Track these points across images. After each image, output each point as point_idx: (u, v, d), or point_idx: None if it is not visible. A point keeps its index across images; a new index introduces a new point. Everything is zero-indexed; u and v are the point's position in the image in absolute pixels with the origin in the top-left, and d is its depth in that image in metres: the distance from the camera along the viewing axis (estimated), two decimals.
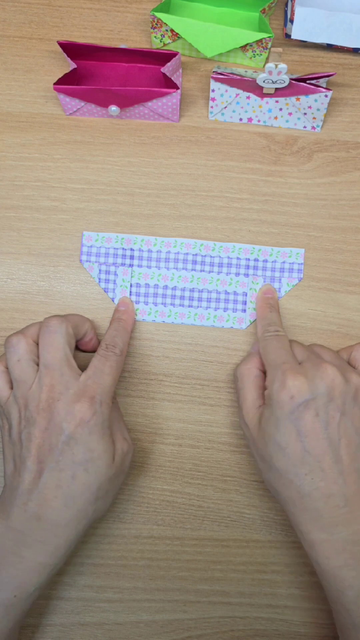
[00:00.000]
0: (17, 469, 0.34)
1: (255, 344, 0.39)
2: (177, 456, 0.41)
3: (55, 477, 0.33)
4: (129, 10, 0.46)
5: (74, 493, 0.33)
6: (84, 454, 0.33)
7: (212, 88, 0.42)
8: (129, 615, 0.40)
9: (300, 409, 0.33)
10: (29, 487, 0.33)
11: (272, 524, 0.41)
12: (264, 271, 0.42)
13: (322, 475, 0.33)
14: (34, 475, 0.33)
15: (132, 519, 0.41)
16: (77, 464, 0.33)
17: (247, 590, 0.40)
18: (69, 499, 0.33)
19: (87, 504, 0.33)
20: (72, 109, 0.43)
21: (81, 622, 0.40)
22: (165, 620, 0.40)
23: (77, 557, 0.40)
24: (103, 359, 0.36)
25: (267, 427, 0.34)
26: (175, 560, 0.40)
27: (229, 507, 0.41)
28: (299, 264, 0.42)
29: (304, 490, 0.33)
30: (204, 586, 0.40)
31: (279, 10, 0.47)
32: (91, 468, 0.33)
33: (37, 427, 0.33)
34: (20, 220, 0.43)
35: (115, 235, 0.42)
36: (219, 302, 0.42)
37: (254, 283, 0.42)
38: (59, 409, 0.33)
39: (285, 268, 0.42)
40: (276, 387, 0.34)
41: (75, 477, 0.33)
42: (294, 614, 0.40)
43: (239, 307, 0.42)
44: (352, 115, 0.44)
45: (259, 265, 0.42)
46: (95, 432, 0.33)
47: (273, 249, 0.42)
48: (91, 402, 0.33)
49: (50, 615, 0.40)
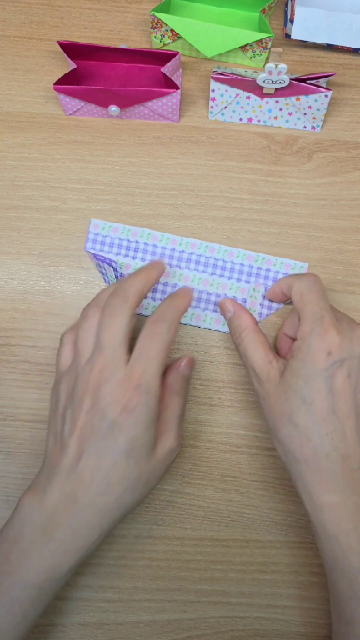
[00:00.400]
0: (57, 445, 0.34)
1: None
2: (177, 456, 0.41)
3: (95, 462, 0.32)
4: (129, 10, 0.46)
5: (112, 480, 0.32)
6: (126, 443, 0.32)
7: (212, 88, 0.42)
8: (128, 615, 0.40)
9: (335, 367, 0.32)
10: (68, 467, 0.33)
11: (272, 524, 0.41)
12: (265, 280, 0.42)
13: (343, 437, 0.32)
14: (73, 456, 0.33)
15: (132, 519, 0.41)
16: (118, 452, 0.32)
17: (247, 590, 0.40)
18: (106, 485, 0.32)
19: (124, 493, 0.33)
20: (72, 109, 0.43)
21: (81, 622, 0.40)
22: (165, 620, 0.40)
23: None
24: (149, 338, 0.34)
25: (292, 380, 0.33)
26: (175, 560, 0.40)
27: (228, 507, 0.41)
28: None
29: (322, 449, 0.32)
30: (203, 586, 0.40)
31: (279, 10, 0.47)
32: (132, 457, 0.33)
33: (82, 407, 0.33)
34: (20, 220, 0.43)
35: (122, 226, 0.42)
36: (217, 305, 0.42)
37: (255, 291, 0.42)
38: (104, 394, 0.33)
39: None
40: (314, 340, 0.33)
41: (115, 465, 0.32)
42: (294, 613, 0.40)
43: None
44: (352, 115, 0.44)
45: (261, 274, 0.42)
46: (139, 422, 0.32)
47: (277, 260, 0.42)
48: (136, 391, 0.32)
49: (50, 615, 0.40)
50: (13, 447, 0.41)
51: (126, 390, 0.32)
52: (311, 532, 0.41)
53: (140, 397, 0.32)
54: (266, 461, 0.41)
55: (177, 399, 0.37)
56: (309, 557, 0.41)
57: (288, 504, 0.41)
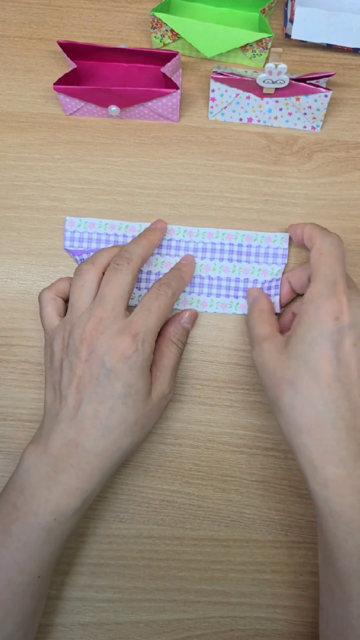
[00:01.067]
0: (56, 397, 0.35)
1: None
2: (177, 456, 0.41)
3: (94, 408, 0.34)
4: (129, 10, 0.46)
5: (110, 424, 0.34)
6: (123, 388, 0.34)
7: (212, 88, 0.42)
8: (128, 615, 0.40)
9: (342, 333, 0.32)
10: (69, 415, 0.34)
11: (272, 524, 0.41)
12: (247, 256, 0.41)
13: (348, 405, 0.31)
14: (73, 404, 0.34)
15: (132, 519, 0.41)
16: (116, 397, 0.34)
17: (247, 590, 0.40)
18: (105, 429, 0.34)
19: (123, 436, 0.34)
20: (72, 109, 0.43)
21: (81, 622, 0.40)
22: (165, 620, 0.40)
23: (77, 557, 0.40)
24: (153, 297, 0.36)
25: (297, 346, 0.33)
26: (175, 560, 0.40)
27: (228, 507, 0.41)
28: (284, 249, 0.41)
29: (327, 417, 0.31)
30: (203, 586, 0.40)
31: (279, 10, 0.47)
32: (129, 402, 0.34)
33: (79, 357, 0.34)
34: (20, 220, 0.43)
35: (99, 221, 0.42)
36: (202, 287, 0.42)
37: (238, 269, 0.42)
38: (102, 342, 0.34)
39: (270, 253, 0.41)
40: (323, 303, 0.33)
41: (113, 409, 0.34)
42: (294, 613, 0.40)
43: (222, 292, 0.42)
44: (352, 115, 0.44)
45: (242, 251, 0.42)
46: (135, 369, 0.34)
47: (257, 235, 0.42)
48: (133, 339, 0.34)
49: (50, 615, 0.40)
50: (13, 447, 0.41)
51: (124, 340, 0.34)
52: (311, 532, 0.41)
53: (136, 345, 0.34)
54: (266, 461, 0.41)
55: (174, 348, 0.38)
56: (309, 557, 0.41)
57: (288, 504, 0.41)
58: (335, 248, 0.35)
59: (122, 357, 0.34)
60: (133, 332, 0.34)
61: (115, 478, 0.41)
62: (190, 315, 0.40)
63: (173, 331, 0.39)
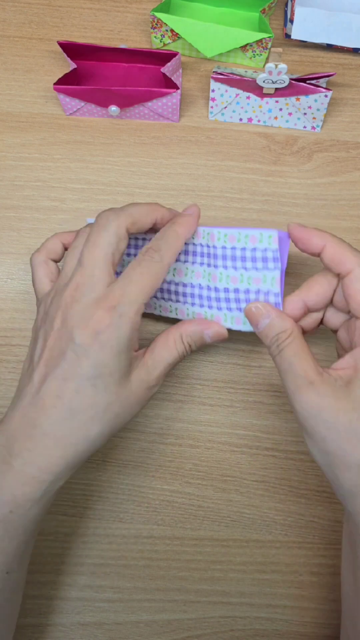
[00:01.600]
0: (29, 369, 0.32)
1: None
2: (177, 456, 0.41)
3: (57, 386, 0.30)
4: (129, 10, 0.46)
5: (75, 407, 0.29)
6: (93, 368, 0.29)
7: (212, 88, 0.42)
8: (128, 615, 0.40)
9: None
10: (32, 390, 0.30)
11: (272, 524, 0.41)
12: (233, 261, 0.34)
13: None
14: (38, 378, 0.30)
15: (132, 519, 0.41)
16: (84, 377, 0.29)
17: (247, 590, 0.40)
18: (68, 411, 0.29)
19: (90, 423, 0.30)
20: (72, 109, 0.43)
21: (81, 622, 0.40)
22: (165, 620, 0.40)
23: (77, 557, 0.40)
24: (136, 263, 0.31)
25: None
26: (175, 560, 0.40)
27: (228, 507, 0.41)
28: (273, 251, 0.32)
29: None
30: (203, 586, 0.40)
31: (279, 11, 0.47)
32: (100, 384, 0.29)
33: (52, 326, 0.31)
34: (20, 220, 0.43)
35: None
36: (193, 298, 0.36)
37: (224, 277, 0.34)
38: (74, 313, 0.30)
39: (257, 257, 0.33)
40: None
41: (79, 390, 0.29)
42: (294, 613, 0.40)
43: (214, 304, 0.35)
44: (352, 115, 0.44)
45: (227, 254, 0.34)
46: (109, 347, 0.29)
47: (240, 233, 0.33)
48: (109, 312, 0.29)
49: (49, 615, 0.40)
50: None
51: (97, 312, 0.29)
52: (311, 532, 0.41)
53: (111, 319, 0.29)
54: (266, 461, 0.41)
55: (181, 349, 0.33)
56: (309, 557, 0.41)
57: (288, 504, 0.41)
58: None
59: (93, 332, 0.29)
60: (109, 303, 0.29)
61: (114, 478, 0.41)
62: (215, 333, 0.34)
63: (191, 332, 0.34)
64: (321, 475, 0.41)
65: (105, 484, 0.41)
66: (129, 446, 0.41)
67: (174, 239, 0.32)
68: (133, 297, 0.30)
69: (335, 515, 0.41)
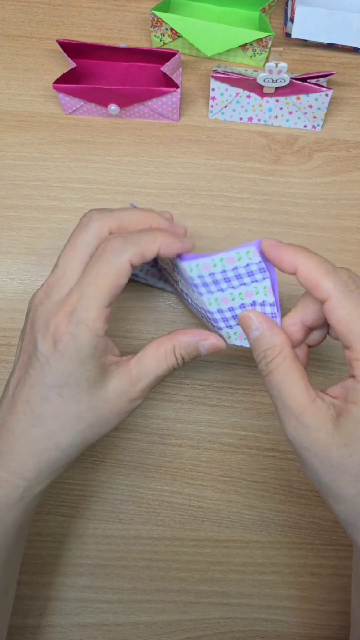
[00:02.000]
0: (12, 370, 0.31)
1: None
2: (176, 457, 0.41)
3: (26, 392, 0.29)
4: (128, 9, 0.46)
5: (43, 414, 0.28)
6: (57, 377, 0.28)
7: (212, 87, 0.42)
8: (128, 616, 0.40)
9: None
10: (8, 393, 0.30)
11: (272, 525, 0.41)
12: (216, 285, 0.31)
13: None
14: (14, 382, 0.30)
15: (131, 520, 0.41)
16: (48, 386, 0.28)
17: (247, 591, 0.40)
18: (36, 419, 0.28)
19: (60, 432, 0.29)
20: (71, 108, 0.43)
21: (80, 623, 0.40)
22: (164, 621, 0.40)
23: (76, 558, 0.40)
24: (94, 259, 0.28)
25: (356, 430, 0.26)
26: (174, 561, 0.40)
27: (228, 508, 0.41)
28: (257, 263, 0.29)
29: None
30: (203, 587, 0.40)
31: (279, 9, 0.47)
32: (67, 394, 0.28)
33: (25, 328, 0.30)
34: (19, 219, 0.42)
35: None
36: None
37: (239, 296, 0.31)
38: (38, 317, 0.29)
39: (241, 274, 0.30)
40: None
41: (46, 398, 0.28)
42: (294, 614, 0.40)
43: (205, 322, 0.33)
44: (353, 115, 0.44)
45: (207, 282, 0.31)
46: (67, 357, 0.27)
47: (214, 259, 0.29)
48: (66, 318, 0.27)
49: (49, 616, 0.40)
50: None
51: (57, 317, 0.28)
52: (311, 533, 0.41)
53: (68, 327, 0.27)
54: (266, 462, 0.41)
55: (171, 361, 0.31)
56: (309, 558, 0.40)
57: (288, 504, 0.41)
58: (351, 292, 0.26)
59: (52, 340, 0.27)
60: (67, 308, 0.27)
61: (114, 478, 0.41)
62: (212, 345, 0.32)
63: (185, 344, 0.31)
64: None
65: (104, 484, 0.41)
66: (129, 447, 0.41)
67: (149, 238, 0.28)
68: (91, 302, 0.27)
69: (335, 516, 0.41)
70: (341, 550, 0.41)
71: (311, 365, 0.41)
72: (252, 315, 0.30)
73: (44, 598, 0.40)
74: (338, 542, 0.41)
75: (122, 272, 0.27)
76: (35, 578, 0.40)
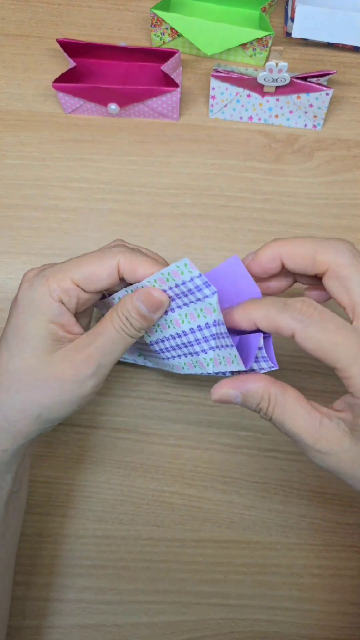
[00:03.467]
0: None
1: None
2: (177, 457, 0.41)
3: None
4: (128, 8, 0.46)
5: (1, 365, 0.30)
6: (10, 330, 0.29)
7: (212, 86, 0.41)
8: (128, 617, 0.40)
9: None
10: None
11: (273, 526, 0.41)
12: (178, 298, 0.29)
13: None
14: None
15: (131, 521, 0.40)
16: (5, 338, 0.30)
17: (247, 592, 0.40)
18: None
19: (7, 396, 0.29)
20: (71, 107, 0.43)
21: (80, 624, 0.39)
22: (165, 622, 0.40)
23: (76, 559, 0.40)
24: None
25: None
26: (175, 562, 0.40)
27: (229, 509, 0.41)
28: (198, 277, 0.27)
29: None
30: (204, 588, 0.40)
31: (279, 9, 0.47)
32: (14, 349, 0.29)
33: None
34: (19, 219, 0.42)
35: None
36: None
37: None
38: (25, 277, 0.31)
39: (191, 289, 0.28)
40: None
41: (5, 349, 0.30)
42: (295, 615, 0.40)
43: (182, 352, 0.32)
44: (353, 114, 0.44)
45: (170, 295, 0.29)
46: (21, 306, 0.29)
47: (163, 273, 0.28)
48: (37, 271, 0.30)
49: (49, 617, 0.39)
50: None
51: (32, 271, 0.31)
52: (312, 534, 0.40)
53: (34, 279, 0.30)
54: (266, 462, 0.41)
55: (117, 323, 0.29)
56: (309, 559, 0.40)
57: (289, 505, 0.41)
58: (311, 321, 0.25)
59: (20, 292, 0.30)
60: (44, 268, 0.30)
61: (114, 479, 0.41)
62: (145, 295, 0.29)
63: (123, 305, 0.29)
64: (322, 476, 0.41)
65: (104, 485, 0.41)
66: (129, 447, 0.41)
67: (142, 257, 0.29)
68: (63, 268, 0.29)
69: (336, 517, 0.41)
70: (342, 551, 0.41)
71: (311, 365, 0.41)
72: (224, 389, 0.28)
73: (44, 599, 0.40)
74: (339, 543, 0.40)
75: (104, 263, 0.29)
76: (34, 579, 0.40)
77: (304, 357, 0.41)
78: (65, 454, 0.41)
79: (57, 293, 0.29)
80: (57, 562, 0.40)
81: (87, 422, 0.41)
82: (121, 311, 0.29)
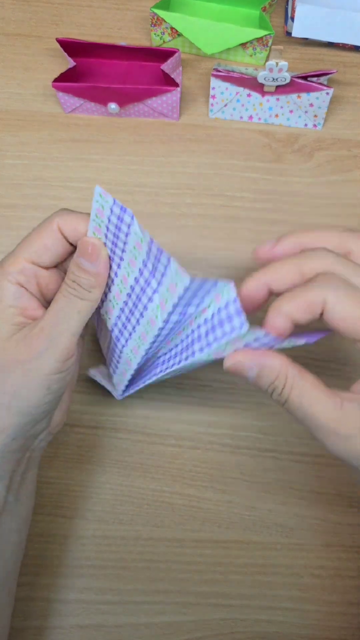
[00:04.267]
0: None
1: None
2: (177, 457, 0.41)
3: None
4: (128, 7, 0.46)
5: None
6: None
7: (213, 86, 0.41)
8: (128, 618, 0.40)
9: None
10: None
11: (273, 526, 0.40)
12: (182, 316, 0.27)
13: None
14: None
15: (131, 521, 0.40)
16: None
17: (247, 592, 0.40)
18: None
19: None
20: (71, 107, 0.43)
21: (80, 625, 0.39)
22: (165, 622, 0.40)
23: (76, 559, 0.40)
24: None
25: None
26: (175, 562, 0.40)
27: (229, 509, 0.41)
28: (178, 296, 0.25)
29: None
30: (204, 588, 0.40)
31: (279, 8, 0.46)
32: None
33: None
34: (19, 219, 0.42)
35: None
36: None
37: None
38: None
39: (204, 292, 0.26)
40: None
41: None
42: (295, 616, 0.40)
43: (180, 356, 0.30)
44: (354, 113, 0.44)
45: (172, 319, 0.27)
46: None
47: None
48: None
49: (49, 617, 0.39)
50: None
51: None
52: (312, 534, 0.40)
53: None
54: (267, 462, 0.41)
55: (65, 291, 0.28)
56: (310, 559, 0.40)
57: (289, 505, 0.41)
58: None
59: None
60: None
61: (114, 479, 0.41)
62: (80, 246, 0.28)
63: (68, 270, 0.29)
64: (322, 476, 0.41)
65: (104, 485, 0.41)
66: (129, 447, 0.41)
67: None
68: (14, 252, 0.29)
69: (336, 517, 0.41)
70: (342, 551, 0.40)
71: (311, 366, 0.41)
72: (240, 358, 0.27)
73: (44, 599, 0.40)
74: (339, 543, 0.40)
75: (46, 231, 0.28)
76: (35, 579, 0.39)
77: (304, 358, 0.41)
78: (65, 454, 0.41)
79: (13, 275, 0.29)
80: (57, 562, 0.40)
81: (87, 423, 0.41)
82: (67, 277, 0.29)
